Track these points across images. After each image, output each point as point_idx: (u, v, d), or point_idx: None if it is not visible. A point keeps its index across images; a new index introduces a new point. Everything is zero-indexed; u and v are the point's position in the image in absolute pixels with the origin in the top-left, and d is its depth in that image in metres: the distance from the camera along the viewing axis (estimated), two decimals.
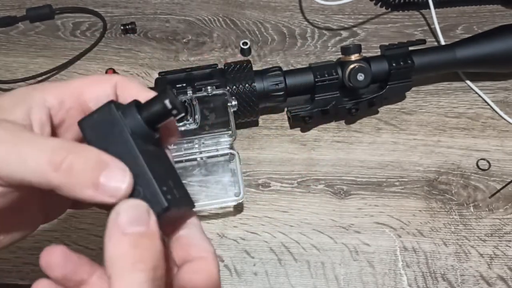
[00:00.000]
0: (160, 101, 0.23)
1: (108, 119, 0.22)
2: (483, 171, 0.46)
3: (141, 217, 0.20)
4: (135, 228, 0.20)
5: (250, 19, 0.58)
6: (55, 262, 0.24)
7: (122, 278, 0.19)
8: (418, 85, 0.52)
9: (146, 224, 0.20)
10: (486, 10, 0.58)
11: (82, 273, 0.24)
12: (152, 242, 0.20)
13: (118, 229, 0.20)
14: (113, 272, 0.19)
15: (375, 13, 0.58)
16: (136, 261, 0.19)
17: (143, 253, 0.20)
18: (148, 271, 0.19)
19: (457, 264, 0.42)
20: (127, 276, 0.19)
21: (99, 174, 0.20)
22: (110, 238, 0.20)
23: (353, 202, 0.45)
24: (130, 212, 0.20)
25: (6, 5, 0.60)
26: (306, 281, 0.41)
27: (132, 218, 0.20)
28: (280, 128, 0.50)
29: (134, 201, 0.21)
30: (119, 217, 0.20)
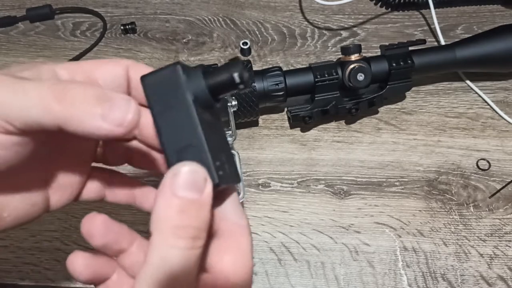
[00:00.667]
0: (229, 72, 0.22)
1: (172, 80, 0.21)
2: (483, 171, 0.46)
3: (197, 183, 0.20)
4: (187, 193, 0.19)
5: (250, 19, 0.58)
6: (97, 231, 0.23)
7: (160, 239, 0.19)
8: (418, 85, 0.52)
9: (200, 192, 0.20)
10: (486, 10, 0.58)
11: (122, 243, 0.24)
12: (200, 211, 0.20)
13: (171, 189, 0.19)
14: (155, 230, 0.19)
15: (375, 13, 0.58)
16: (179, 227, 0.19)
17: (188, 220, 0.19)
18: (187, 240, 0.19)
19: (457, 264, 0.42)
20: (165, 238, 0.19)
21: (103, 103, 0.20)
22: (162, 196, 0.19)
23: (353, 202, 0.45)
24: (188, 175, 0.20)
25: (6, 5, 0.60)
26: (306, 281, 0.41)
27: (188, 182, 0.19)
28: (280, 128, 0.50)
29: (195, 166, 0.20)
30: (176, 177, 0.19)
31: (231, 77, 0.22)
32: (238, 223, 0.23)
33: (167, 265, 0.19)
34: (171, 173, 0.20)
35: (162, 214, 0.19)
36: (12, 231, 0.44)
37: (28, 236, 0.44)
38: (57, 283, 0.41)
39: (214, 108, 0.23)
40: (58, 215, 0.44)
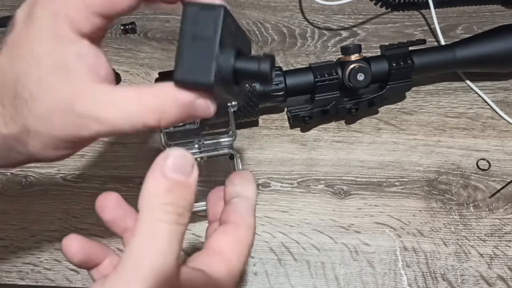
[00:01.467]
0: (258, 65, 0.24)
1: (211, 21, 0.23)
2: (483, 171, 0.46)
3: (185, 167, 0.22)
4: (176, 175, 0.21)
5: (250, 19, 0.58)
6: (109, 205, 0.26)
7: (149, 213, 0.21)
8: (418, 85, 0.52)
9: (187, 175, 0.22)
10: (486, 10, 0.58)
11: (128, 221, 0.26)
12: (186, 192, 0.22)
13: (161, 170, 0.21)
14: (143, 206, 0.21)
15: (375, 13, 0.58)
16: (166, 203, 0.21)
17: (174, 198, 0.21)
18: (173, 215, 0.21)
19: (457, 264, 0.42)
20: (154, 212, 0.21)
21: None
22: (152, 176, 0.21)
23: (353, 202, 0.45)
24: (177, 159, 0.21)
25: (6, 5, 0.60)
26: (306, 281, 0.41)
27: (177, 165, 0.21)
28: (280, 128, 0.50)
29: (185, 152, 0.22)
30: (166, 160, 0.21)
31: (258, 71, 0.24)
32: (246, 219, 0.26)
33: (154, 236, 0.21)
34: (162, 156, 0.22)
35: (151, 191, 0.21)
36: (12, 231, 0.44)
37: (28, 236, 0.44)
38: (57, 283, 0.42)
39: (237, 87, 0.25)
40: (58, 215, 0.44)
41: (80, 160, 0.47)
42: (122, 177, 0.46)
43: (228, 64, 0.23)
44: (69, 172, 0.47)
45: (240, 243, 0.26)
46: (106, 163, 0.47)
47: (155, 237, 0.21)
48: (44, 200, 0.45)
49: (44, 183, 0.46)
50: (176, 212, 0.21)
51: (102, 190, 0.48)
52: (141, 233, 0.21)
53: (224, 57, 0.23)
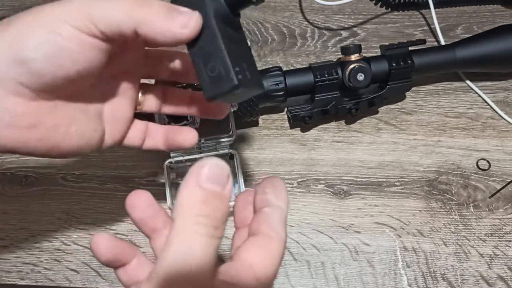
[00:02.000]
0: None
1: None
2: (483, 171, 0.46)
3: (221, 178, 0.21)
4: (211, 185, 0.21)
5: (250, 19, 0.58)
6: (139, 205, 0.26)
7: (183, 224, 0.21)
8: (418, 85, 0.52)
9: (223, 186, 0.21)
10: (486, 10, 0.58)
11: (157, 222, 0.26)
12: (221, 204, 0.21)
13: (196, 180, 0.21)
14: (178, 216, 0.21)
15: (375, 13, 0.58)
16: (201, 215, 0.21)
17: (210, 210, 0.21)
18: (208, 227, 0.21)
19: (457, 264, 0.42)
20: (188, 224, 0.20)
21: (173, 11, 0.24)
22: (187, 185, 0.21)
23: (353, 202, 0.45)
24: (213, 170, 0.21)
25: (6, 5, 0.60)
26: (306, 281, 0.41)
27: (213, 175, 0.21)
28: (280, 128, 0.50)
29: (220, 162, 0.22)
30: (202, 169, 0.21)
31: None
32: (278, 232, 0.25)
33: (188, 249, 0.20)
34: (198, 165, 0.21)
35: (186, 202, 0.21)
36: (12, 231, 0.44)
37: (28, 236, 0.44)
38: (57, 283, 0.42)
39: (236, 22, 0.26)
40: (58, 215, 0.44)
41: (80, 160, 0.47)
42: (122, 177, 0.46)
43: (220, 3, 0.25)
44: (69, 172, 0.47)
45: (271, 257, 0.24)
46: (106, 163, 0.47)
47: (190, 249, 0.20)
48: (44, 200, 0.45)
49: (44, 183, 0.46)
50: (212, 225, 0.21)
51: (102, 190, 0.48)
52: (177, 244, 0.20)
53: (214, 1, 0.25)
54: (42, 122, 0.26)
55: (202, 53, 0.24)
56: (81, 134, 0.28)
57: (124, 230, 0.44)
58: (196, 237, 0.20)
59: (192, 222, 0.21)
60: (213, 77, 0.24)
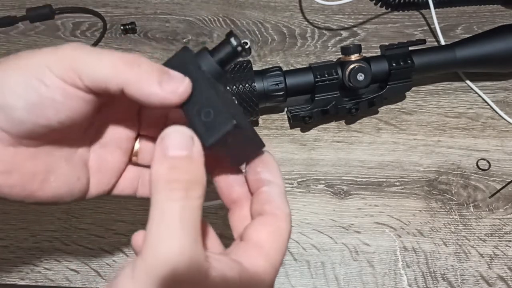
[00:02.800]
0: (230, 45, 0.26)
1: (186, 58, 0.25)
2: (483, 171, 0.46)
3: (184, 142, 0.22)
4: (176, 151, 0.21)
5: (250, 19, 0.58)
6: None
7: (157, 195, 0.21)
8: (418, 85, 0.52)
9: (188, 149, 0.22)
10: (486, 10, 0.58)
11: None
12: (190, 166, 0.22)
13: (161, 151, 0.21)
14: (152, 189, 0.21)
15: (375, 13, 0.58)
16: (171, 180, 0.21)
17: (178, 175, 0.21)
18: (180, 191, 0.21)
19: (457, 264, 0.42)
20: (161, 193, 0.21)
21: (163, 74, 0.23)
22: (154, 159, 0.21)
23: (353, 202, 0.45)
24: (175, 136, 0.22)
25: (6, 5, 0.60)
26: (306, 281, 0.41)
27: (175, 142, 0.21)
28: (280, 128, 0.50)
29: (180, 127, 0.22)
30: (164, 140, 0.21)
31: (233, 48, 0.26)
32: (282, 209, 0.25)
33: (164, 218, 0.20)
34: (160, 137, 0.22)
35: (156, 173, 0.21)
36: (12, 231, 0.44)
37: (28, 236, 0.44)
38: (57, 283, 0.41)
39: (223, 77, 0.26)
40: (58, 215, 0.44)
41: None
42: None
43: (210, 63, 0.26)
44: None
45: (280, 235, 0.24)
46: None
47: (165, 218, 0.20)
48: None
49: None
50: (183, 187, 0.21)
51: None
52: (152, 218, 0.20)
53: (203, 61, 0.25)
54: (18, 169, 0.24)
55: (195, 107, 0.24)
56: (61, 183, 0.26)
57: (124, 230, 0.43)
58: (170, 204, 0.20)
59: (163, 190, 0.21)
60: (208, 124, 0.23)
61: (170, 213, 0.20)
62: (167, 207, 0.20)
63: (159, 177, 0.21)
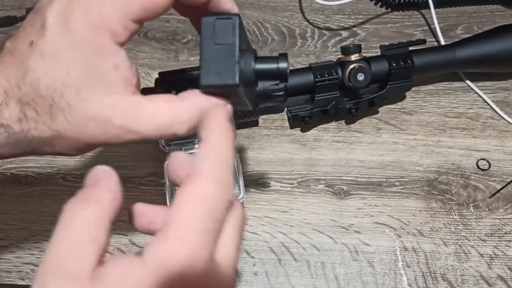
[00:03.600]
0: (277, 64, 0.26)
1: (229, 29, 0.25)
2: (483, 171, 0.46)
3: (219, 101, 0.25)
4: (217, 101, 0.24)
5: (250, 19, 0.58)
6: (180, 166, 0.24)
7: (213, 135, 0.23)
8: (418, 85, 0.52)
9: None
10: (486, 10, 0.58)
11: None
12: None
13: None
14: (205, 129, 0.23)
15: (375, 13, 0.58)
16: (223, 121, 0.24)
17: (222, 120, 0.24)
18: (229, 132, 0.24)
19: (457, 264, 0.42)
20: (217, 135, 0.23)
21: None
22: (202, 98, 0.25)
23: (353, 202, 0.45)
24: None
25: (6, 5, 0.60)
26: (306, 281, 0.41)
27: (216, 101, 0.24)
28: (280, 128, 0.50)
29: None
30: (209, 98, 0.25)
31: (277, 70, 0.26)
32: None
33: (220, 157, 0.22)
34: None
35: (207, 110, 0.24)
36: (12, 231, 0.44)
37: (28, 236, 0.44)
38: None
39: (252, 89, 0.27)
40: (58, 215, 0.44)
41: (80, 160, 0.47)
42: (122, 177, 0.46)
43: (249, 66, 0.25)
44: (69, 172, 0.47)
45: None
46: (106, 163, 0.47)
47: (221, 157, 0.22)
48: (44, 200, 0.45)
49: (44, 183, 0.46)
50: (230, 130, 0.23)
51: None
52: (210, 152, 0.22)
53: (244, 60, 0.25)
54: None
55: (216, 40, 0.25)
56: None
57: (124, 230, 0.43)
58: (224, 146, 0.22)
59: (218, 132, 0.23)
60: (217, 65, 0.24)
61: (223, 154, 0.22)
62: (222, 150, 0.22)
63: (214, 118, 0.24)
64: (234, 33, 0.24)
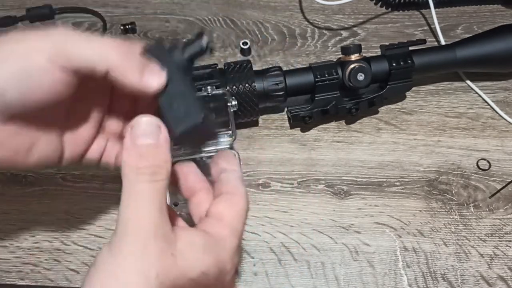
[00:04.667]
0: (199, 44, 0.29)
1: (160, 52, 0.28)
2: (483, 171, 0.46)
3: (152, 130, 0.24)
4: (144, 139, 0.24)
5: (250, 19, 0.58)
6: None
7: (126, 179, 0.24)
8: (418, 85, 0.52)
9: (156, 137, 0.24)
10: (486, 10, 0.58)
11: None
12: (157, 152, 0.24)
13: (131, 139, 0.24)
14: (123, 174, 0.24)
15: (375, 13, 0.58)
16: (139, 167, 0.24)
17: (148, 160, 0.24)
18: (147, 175, 0.24)
19: (457, 264, 0.42)
20: (130, 177, 0.24)
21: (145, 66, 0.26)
22: (125, 147, 0.24)
23: (353, 202, 0.45)
24: (144, 126, 0.24)
25: (6, 5, 0.60)
26: (306, 281, 0.41)
27: (144, 131, 0.24)
28: (280, 128, 0.50)
29: (148, 117, 0.25)
30: (133, 129, 0.24)
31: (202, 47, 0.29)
32: (239, 188, 0.28)
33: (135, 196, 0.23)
34: (129, 126, 0.24)
35: (126, 160, 0.24)
36: (12, 231, 0.44)
37: (28, 236, 0.44)
38: (57, 283, 0.41)
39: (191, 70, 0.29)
40: (58, 215, 0.44)
41: None
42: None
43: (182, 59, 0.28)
44: (69, 172, 0.47)
45: (238, 208, 0.27)
46: None
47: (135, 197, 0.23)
48: (44, 200, 0.45)
49: (44, 183, 0.46)
50: (150, 172, 0.24)
51: (102, 190, 0.48)
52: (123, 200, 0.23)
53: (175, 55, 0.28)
54: (4, 144, 0.27)
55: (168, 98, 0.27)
56: (41, 155, 0.30)
57: None
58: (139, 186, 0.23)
59: (133, 174, 0.24)
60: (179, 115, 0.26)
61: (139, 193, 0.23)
62: (136, 189, 0.24)
63: (130, 163, 0.24)
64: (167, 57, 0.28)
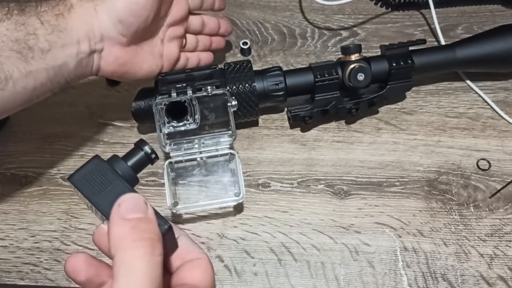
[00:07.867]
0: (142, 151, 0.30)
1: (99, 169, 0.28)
2: (483, 171, 0.46)
3: (139, 206, 0.24)
4: (134, 214, 0.23)
5: (250, 19, 0.58)
6: (80, 268, 0.27)
7: (122, 254, 0.22)
8: (418, 85, 0.52)
9: (144, 212, 0.24)
10: (486, 10, 0.58)
11: (103, 276, 0.27)
12: (149, 226, 0.24)
13: (119, 215, 0.23)
14: (117, 250, 0.22)
15: (375, 13, 0.58)
16: (135, 239, 0.23)
17: (141, 233, 0.23)
18: (146, 248, 0.23)
19: (457, 264, 0.42)
20: (127, 251, 0.22)
21: None
22: (113, 224, 0.23)
23: (353, 202, 0.45)
24: (130, 202, 0.24)
25: None
26: (306, 281, 0.41)
27: (132, 206, 0.24)
28: (280, 128, 0.50)
29: (134, 194, 0.24)
30: (121, 206, 0.24)
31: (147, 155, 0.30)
32: (201, 254, 0.28)
33: (134, 274, 0.22)
34: (116, 204, 0.24)
35: (119, 234, 0.23)
36: (12, 231, 0.44)
37: (28, 236, 0.44)
38: (57, 283, 0.42)
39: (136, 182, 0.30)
40: (58, 215, 0.44)
41: (80, 160, 0.47)
42: None
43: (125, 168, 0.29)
44: (69, 172, 0.47)
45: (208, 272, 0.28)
46: None
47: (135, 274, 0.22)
48: (44, 200, 0.45)
49: (44, 183, 0.46)
50: (148, 245, 0.23)
51: None
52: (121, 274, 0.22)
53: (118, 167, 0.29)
54: (128, 61, 0.40)
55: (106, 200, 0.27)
56: (148, 68, 0.43)
57: None
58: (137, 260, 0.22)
59: (129, 248, 0.22)
60: None
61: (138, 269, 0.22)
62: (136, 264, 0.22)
63: (123, 236, 0.23)
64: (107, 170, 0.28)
